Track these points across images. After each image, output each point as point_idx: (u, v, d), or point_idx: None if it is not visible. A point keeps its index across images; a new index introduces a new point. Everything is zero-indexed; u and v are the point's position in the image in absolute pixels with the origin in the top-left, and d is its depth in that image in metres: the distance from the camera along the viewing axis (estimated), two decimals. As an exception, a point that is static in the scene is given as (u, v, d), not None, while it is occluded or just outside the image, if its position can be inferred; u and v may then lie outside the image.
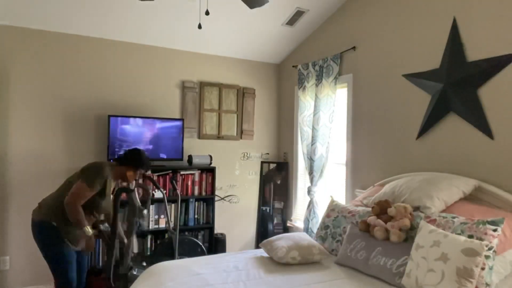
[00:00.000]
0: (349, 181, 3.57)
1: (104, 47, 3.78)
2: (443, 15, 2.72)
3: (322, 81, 3.78)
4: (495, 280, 1.91)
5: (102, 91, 3.77)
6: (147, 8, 3.37)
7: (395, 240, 2.23)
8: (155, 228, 3.76)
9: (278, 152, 4.80)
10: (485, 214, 2.16)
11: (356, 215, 2.68)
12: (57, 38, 3.57)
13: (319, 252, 2.50)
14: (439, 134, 2.73)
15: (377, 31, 3.29)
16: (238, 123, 4.49)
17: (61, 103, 3.59)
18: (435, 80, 2.72)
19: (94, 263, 3.52)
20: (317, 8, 3.69)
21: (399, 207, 2.32)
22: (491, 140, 2.41)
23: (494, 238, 1.89)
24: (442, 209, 2.32)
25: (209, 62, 4.33)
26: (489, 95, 2.42)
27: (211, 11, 3.50)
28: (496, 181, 2.37)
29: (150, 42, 3.94)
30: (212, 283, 2.10)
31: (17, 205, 3.43)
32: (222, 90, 4.38)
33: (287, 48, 4.43)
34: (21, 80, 3.44)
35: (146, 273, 2.35)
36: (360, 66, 3.47)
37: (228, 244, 4.43)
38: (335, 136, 3.83)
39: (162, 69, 4.06)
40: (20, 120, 3.44)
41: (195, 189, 4.02)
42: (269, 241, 2.65)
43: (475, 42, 2.50)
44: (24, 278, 3.45)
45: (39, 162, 3.50)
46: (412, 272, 1.97)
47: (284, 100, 4.70)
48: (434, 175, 2.55)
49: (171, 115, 4.11)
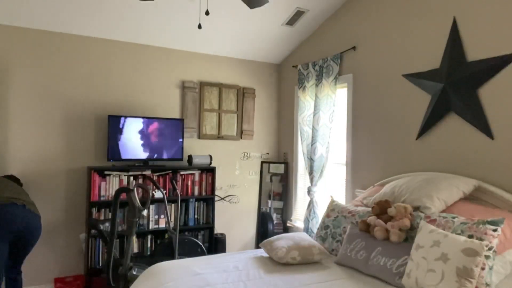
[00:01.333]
0: (349, 181, 3.57)
1: (104, 47, 3.78)
2: (443, 15, 2.73)
3: (322, 81, 3.78)
4: (495, 280, 1.91)
5: (102, 91, 3.77)
6: (147, 8, 3.37)
7: (395, 240, 2.23)
8: (155, 228, 3.76)
9: (278, 152, 4.80)
10: (485, 214, 2.16)
11: (356, 215, 2.68)
12: (57, 38, 3.57)
13: (319, 252, 2.50)
14: (439, 134, 2.73)
15: (377, 31, 3.30)
16: (238, 123, 4.49)
17: (61, 103, 3.59)
18: (435, 80, 2.72)
19: (94, 263, 3.52)
20: (317, 8, 3.69)
21: (399, 207, 2.32)
22: (491, 140, 2.41)
23: (494, 238, 1.89)
24: (442, 209, 2.32)
25: (209, 62, 4.33)
26: (489, 95, 2.42)
27: (211, 11, 3.50)
28: (496, 181, 2.37)
29: (150, 42, 3.94)
30: (212, 283, 2.10)
31: (17, 205, 3.43)
32: (222, 90, 4.38)
33: (287, 48, 4.44)
34: (21, 80, 3.44)
35: (146, 273, 2.35)
36: (360, 66, 3.47)
37: (228, 244, 4.43)
38: (335, 136, 3.83)
39: (162, 69, 4.06)
40: (20, 120, 3.44)
41: (195, 189, 4.02)
42: (269, 241, 2.65)
43: (475, 42, 2.50)
44: (24, 278, 3.45)
45: (39, 162, 3.50)
46: (412, 272, 1.97)
47: (284, 100, 4.70)
48: (434, 175, 2.55)
49: (171, 115, 4.11)
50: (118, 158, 3.63)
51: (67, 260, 3.62)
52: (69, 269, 3.63)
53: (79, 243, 3.65)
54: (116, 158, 3.61)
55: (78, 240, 3.64)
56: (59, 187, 3.59)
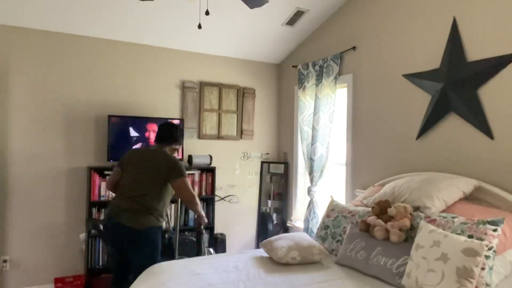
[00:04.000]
0: (349, 181, 3.57)
1: (104, 47, 3.78)
2: (443, 15, 2.73)
3: (322, 81, 3.78)
4: (495, 280, 1.91)
5: (102, 91, 3.77)
6: (147, 8, 3.37)
7: (395, 240, 2.23)
8: (155, 228, 3.75)
9: (278, 152, 4.80)
10: (485, 214, 2.16)
11: (356, 215, 2.68)
12: (57, 38, 3.57)
13: (319, 252, 2.50)
14: (439, 134, 2.73)
15: (377, 31, 3.29)
16: (238, 123, 4.49)
17: (61, 103, 3.59)
18: (435, 80, 2.72)
19: (94, 263, 3.52)
20: (317, 8, 3.69)
21: (399, 207, 2.32)
22: (491, 140, 2.41)
23: (494, 238, 1.89)
24: (442, 209, 2.32)
25: (209, 62, 4.33)
26: (489, 95, 2.42)
27: (211, 11, 3.50)
28: (496, 181, 2.37)
29: (150, 42, 3.94)
30: (212, 283, 2.10)
31: (17, 205, 3.43)
32: (222, 90, 4.38)
33: (287, 48, 4.43)
34: (21, 80, 3.44)
35: (146, 273, 2.35)
36: (360, 66, 3.47)
37: (228, 244, 4.42)
38: (335, 136, 3.83)
39: (162, 69, 4.06)
40: (20, 120, 3.44)
41: (195, 189, 4.02)
42: (269, 241, 2.65)
43: (475, 42, 2.50)
44: (24, 278, 3.45)
45: (39, 162, 3.50)
46: (412, 272, 1.97)
47: (284, 100, 4.70)
48: (434, 175, 2.55)
49: (171, 115, 4.11)
50: (118, 158, 3.62)
51: (67, 260, 3.62)
52: (69, 269, 3.63)
53: (79, 243, 3.64)
54: (116, 158, 3.61)
55: (78, 240, 3.64)
56: (59, 187, 3.59)
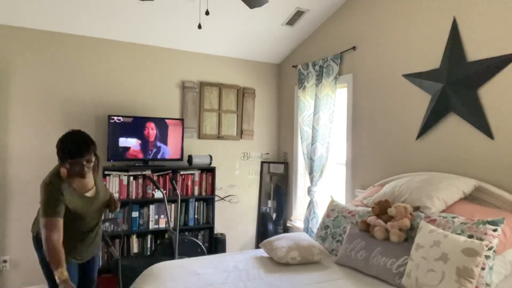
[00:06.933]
0: (349, 181, 3.57)
1: (104, 47, 3.78)
2: (443, 15, 2.73)
3: (322, 81, 3.78)
4: (495, 280, 1.91)
5: (102, 91, 3.77)
6: (147, 8, 3.37)
7: (395, 240, 2.23)
8: (155, 228, 3.76)
9: (278, 152, 4.80)
10: (485, 214, 2.16)
11: (356, 215, 2.68)
12: (57, 38, 3.57)
13: (319, 252, 2.50)
14: (439, 134, 2.73)
15: (377, 31, 3.29)
16: (238, 123, 4.49)
17: (61, 103, 3.59)
18: (435, 80, 2.72)
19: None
20: (317, 8, 3.69)
21: (399, 207, 2.32)
22: (491, 140, 2.41)
23: (494, 238, 1.89)
24: (442, 209, 2.32)
25: (209, 62, 4.33)
26: (489, 95, 2.42)
27: (211, 11, 3.50)
28: (496, 181, 2.37)
29: (150, 42, 3.94)
30: (212, 283, 2.10)
31: (17, 205, 3.43)
32: (222, 90, 4.38)
33: (287, 48, 4.43)
34: (21, 80, 3.44)
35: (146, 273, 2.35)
36: (360, 66, 3.47)
37: (228, 244, 4.43)
38: (335, 136, 3.83)
39: (162, 69, 4.06)
40: (20, 120, 3.44)
41: (195, 189, 4.02)
42: (269, 241, 2.65)
43: (475, 42, 2.50)
44: (24, 278, 3.45)
45: (39, 162, 3.50)
46: (412, 272, 1.97)
47: (284, 100, 4.70)
48: (434, 175, 2.55)
49: (171, 115, 4.11)
50: (118, 158, 3.63)
51: (67, 260, 3.62)
52: (69, 269, 3.63)
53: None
54: (116, 158, 3.61)
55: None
56: (59, 187, 3.58)
